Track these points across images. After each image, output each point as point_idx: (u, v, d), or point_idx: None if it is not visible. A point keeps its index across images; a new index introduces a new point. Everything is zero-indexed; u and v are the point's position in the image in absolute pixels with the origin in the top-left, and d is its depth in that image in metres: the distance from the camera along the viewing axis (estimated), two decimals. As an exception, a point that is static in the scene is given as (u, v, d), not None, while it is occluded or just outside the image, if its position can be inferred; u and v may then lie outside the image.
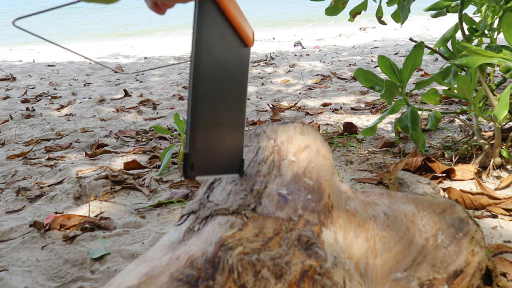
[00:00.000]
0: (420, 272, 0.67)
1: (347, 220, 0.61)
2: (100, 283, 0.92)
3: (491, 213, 1.10)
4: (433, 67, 3.34)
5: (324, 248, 0.50)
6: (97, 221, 1.17)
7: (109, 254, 1.02)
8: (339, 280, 0.48)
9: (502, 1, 1.24)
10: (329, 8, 1.47)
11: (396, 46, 4.87)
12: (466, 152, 1.43)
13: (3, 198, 1.38)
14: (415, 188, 1.16)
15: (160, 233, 1.10)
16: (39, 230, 1.13)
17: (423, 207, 0.74)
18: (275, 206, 0.55)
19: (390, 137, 1.76)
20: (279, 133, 0.74)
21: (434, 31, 6.19)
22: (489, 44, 1.24)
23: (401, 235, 0.67)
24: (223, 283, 0.42)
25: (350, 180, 1.35)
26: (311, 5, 12.38)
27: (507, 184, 1.22)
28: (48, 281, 0.93)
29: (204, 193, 0.62)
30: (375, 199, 0.74)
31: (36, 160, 1.74)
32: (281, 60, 4.36)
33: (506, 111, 1.04)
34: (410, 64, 1.34)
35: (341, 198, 0.64)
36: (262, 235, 0.49)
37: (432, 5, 1.47)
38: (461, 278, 0.70)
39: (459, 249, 0.71)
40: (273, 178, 0.62)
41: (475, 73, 1.18)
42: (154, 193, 1.37)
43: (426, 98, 1.44)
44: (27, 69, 4.29)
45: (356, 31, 7.36)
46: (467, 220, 0.75)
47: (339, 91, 2.77)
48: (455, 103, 2.22)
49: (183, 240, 0.50)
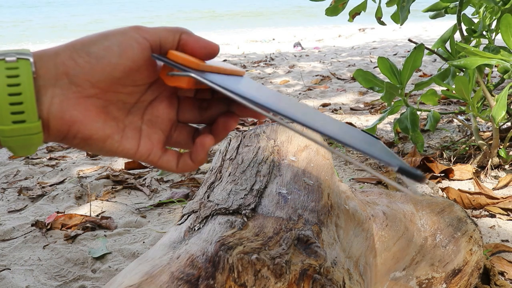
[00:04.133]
0: (419, 271, 0.68)
1: (347, 220, 0.61)
2: (101, 282, 0.92)
3: (489, 212, 1.10)
4: (431, 67, 3.35)
5: (323, 248, 0.51)
6: (98, 221, 1.17)
7: (110, 253, 1.03)
8: (339, 279, 0.48)
9: (500, 2, 1.25)
10: (329, 9, 1.47)
11: (395, 47, 4.87)
12: (465, 152, 1.44)
13: (5, 198, 1.38)
14: (414, 188, 1.17)
15: (161, 233, 1.11)
16: (40, 229, 1.14)
17: (421, 206, 0.75)
18: (275, 206, 0.55)
19: (389, 137, 1.77)
20: (279, 133, 0.75)
21: (433, 32, 6.19)
22: (487, 45, 1.25)
23: (400, 234, 0.68)
24: (223, 282, 0.42)
25: (349, 180, 1.36)
26: (311, 5, 12.36)
27: (505, 184, 1.23)
28: (50, 280, 0.94)
29: (205, 192, 0.62)
30: (374, 198, 0.75)
31: (37, 160, 1.75)
32: (280, 61, 4.37)
33: (504, 111, 1.05)
34: (410, 65, 1.35)
35: (340, 197, 0.65)
36: (262, 234, 0.49)
37: (430, 6, 1.48)
38: (460, 277, 0.70)
39: (458, 248, 0.71)
40: (273, 178, 0.62)
41: (473, 74, 1.19)
42: (154, 192, 1.37)
43: (425, 99, 1.44)
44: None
45: (355, 32, 7.36)
46: (466, 220, 0.76)
47: (338, 92, 2.77)
48: (453, 103, 2.23)
49: (184, 239, 0.51)
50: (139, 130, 0.37)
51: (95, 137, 0.34)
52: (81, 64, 0.32)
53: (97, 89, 0.33)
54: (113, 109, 0.35)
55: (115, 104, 0.35)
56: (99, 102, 0.34)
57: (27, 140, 0.32)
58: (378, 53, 4.46)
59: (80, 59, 0.32)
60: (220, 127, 0.39)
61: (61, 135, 0.33)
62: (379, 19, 1.49)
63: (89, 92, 0.33)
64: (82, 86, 0.33)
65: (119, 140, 0.36)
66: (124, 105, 0.36)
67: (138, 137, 0.37)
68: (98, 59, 0.32)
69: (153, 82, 0.37)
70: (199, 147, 0.38)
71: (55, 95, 0.32)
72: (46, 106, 0.32)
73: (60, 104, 0.32)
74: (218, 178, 0.66)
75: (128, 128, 0.37)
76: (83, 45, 0.33)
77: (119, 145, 0.36)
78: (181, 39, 0.36)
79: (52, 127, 0.33)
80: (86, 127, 0.33)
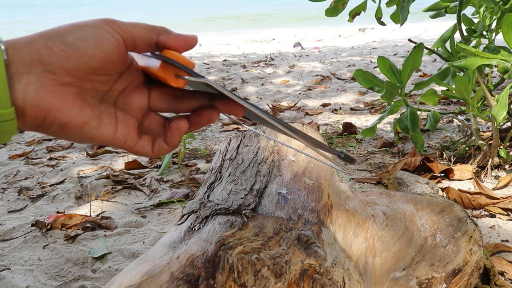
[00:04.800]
0: (419, 271, 0.68)
1: (347, 220, 0.61)
2: (101, 282, 0.92)
3: (489, 212, 1.11)
4: (431, 67, 3.35)
5: (323, 248, 0.51)
6: (98, 221, 1.17)
7: (110, 253, 1.03)
8: (339, 279, 0.48)
9: (500, 2, 1.25)
10: (329, 9, 1.47)
11: (395, 47, 4.87)
12: (465, 152, 1.44)
13: (5, 198, 1.38)
14: (414, 188, 1.17)
15: (161, 233, 1.11)
16: (40, 229, 1.14)
17: (421, 206, 0.75)
18: (275, 206, 0.55)
19: (389, 137, 1.77)
20: (279, 133, 0.75)
21: (433, 32, 6.19)
22: (487, 45, 1.25)
23: (400, 234, 0.68)
24: (223, 282, 0.42)
25: (349, 180, 1.36)
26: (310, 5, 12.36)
27: (505, 184, 1.23)
28: (50, 280, 0.94)
29: (205, 192, 0.62)
30: (374, 198, 0.75)
31: (38, 160, 1.75)
32: (280, 61, 4.37)
33: (505, 111, 1.05)
34: (410, 65, 1.35)
35: (340, 197, 0.65)
36: (262, 234, 0.49)
37: (431, 5, 1.47)
38: (460, 277, 0.70)
39: (458, 248, 0.71)
40: (273, 178, 0.62)
41: (473, 74, 1.19)
42: (154, 192, 1.37)
43: (425, 99, 1.44)
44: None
45: (355, 32, 7.36)
46: (466, 220, 0.75)
47: (338, 92, 2.77)
48: (453, 103, 2.23)
49: (184, 239, 0.51)
50: (115, 117, 0.38)
51: (72, 124, 0.35)
52: (56, 53, 0.33)
53: (72, 77, 0.34)
54: (88, 97, 0.36)
55: (89, 91, 0.36)
56: (75, 89, 0.34)
57: (0, 126, 0.32)
58: (378, 53, 4.46)
59: (56, 48, 0.33)
60: (203, 118, 0.40)
61: (37, 123, 0.34)
62: (379, 19, 1.49)
63: (64, 79, 0.33)
64: (58, 74, 0.33)
65: (97, 126, 0.36)
66: (97, 93, 0.37)
67: (115, 123, 0.38)
68: (74, 49, 0.33)
69: (123, 72, 0.38)
70: (175, 131, 0.40)
71: (30, 82, 0.32)
72: (21, 94, 0.32)
73: (36, 91, 0.32)
74: (218, 178, 0.66)
75: (104, 114, 0.37)
76: (58, 35, 0.33)
77: (96, 131, 0.36)
78: (159, 40, 0.37)
79: (29, 114, 0.33)
80: (64, 113, 0.34)
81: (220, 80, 3.38)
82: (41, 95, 0.32)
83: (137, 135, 0.39)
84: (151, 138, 0.40)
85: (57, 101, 0.33)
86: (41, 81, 0.32)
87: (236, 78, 3.45)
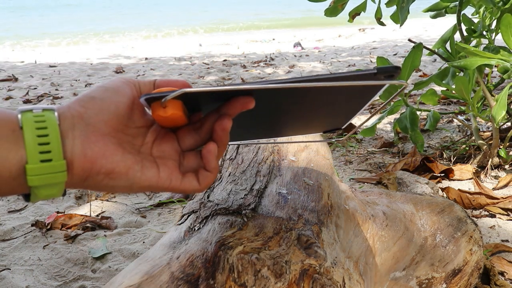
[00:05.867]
0: (419, 271, 0.68)
1: (347, 220, 0.61)
2: (101, 282, 0.92)
3: (489, 212, 1.11)
4: (431, 67, 3.35)
5: (323, 248, 0.51)
6: (98, 221, 1.17)
7: (110, 253, 1.03)
8: (339, 279, 0.48)
9: (500, 3, 1.25)
10: (328, 9, 1.48)
11: (395, 47, 4.88)
12: (465, 152, 1.44)
13: (5, 198, 1.38)
14: (414, 188, 1.17)
15: (161, 233, 1.11)
16: (40, 229, 1.14)
17: (421, 206, 0.75)
18: (275, 206, 0.55)
19: (389, 137, 1.77)
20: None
21: (433, 32, 6.20)
22: (487, 45, 1.25)
23: (400, 234, 0.68)
24: (223, 282, 0.42)
25: (349, 180, 1.36)
26: (310, 5, 12.36)
27: (505, 184, 1.23)
28: (50, 280, 0.94)
29: (205, 192, 0.62)
30: (374, 198, 0.75)
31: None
32: (280, 61, 4.37)
33: (504, 111, 1.05)
34: (409, 65, 1.35)
35: (340, 197, 0.65)
36: (262, 234, 0.49)
37: (431, 6, 1.48)
38: (460, 277, 0.70)
39: (458, 248, 0.71)
40: (273, 178, 0.62)
41: (473, 74, 1.19)
42: (154, 192, 1.37)
43: (425, 99, 1.44)
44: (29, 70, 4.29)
45: (355, 32, 7.37)
46: (466, 220, 0.75)
47: (338, 92, 2.77)
48: (453, 103, 2.23)
49: (184, 239, 0.51)
50: (155, 162, 0.42)
51: (117, 169, 0.38)
52: (90, 108, 0.38)
53: (110, 128, 0.38)
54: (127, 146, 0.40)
55: (127, 143, 0.40)
56: (114, 140, 0.39)
57: (52, 178, 0.35)
58: (378, 53, 4.47)
59: (88, 104, 0.38)
60: (218, 131, 0.42)
61: (85, 174, 0.37)
62: (379, 20, 1.49)
63: (104, 130, 0.38)
64: (97, 126, 0.37)
65: (140, 170, 0.39)
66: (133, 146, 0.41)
67: (156, 166, 0.41)
68: (102, 100, 0.38)
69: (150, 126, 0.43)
70: (208, 156, 0.42)
71: (75, 136, 0.36)
72: (69, 148, 0.36)
73: (81, 143, 0.36)
74: (218, 178, 0.66)
75: (145, 159, 0.41)
76: (86, 96, 0.39)
77: (141, 174, 0.39)
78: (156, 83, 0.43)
79: (76, 166, 0.36)
80: (108, 160, 0.37)
81: (220, 80, 3.38)
82: (86, 145, 0.36)
83: (180, 174, 0.42)
84: (194, 174, 0.43)
85: (101, 150, 0.37)
86: (84, 133, 0.37)
87: (236, 78, 3.45)
